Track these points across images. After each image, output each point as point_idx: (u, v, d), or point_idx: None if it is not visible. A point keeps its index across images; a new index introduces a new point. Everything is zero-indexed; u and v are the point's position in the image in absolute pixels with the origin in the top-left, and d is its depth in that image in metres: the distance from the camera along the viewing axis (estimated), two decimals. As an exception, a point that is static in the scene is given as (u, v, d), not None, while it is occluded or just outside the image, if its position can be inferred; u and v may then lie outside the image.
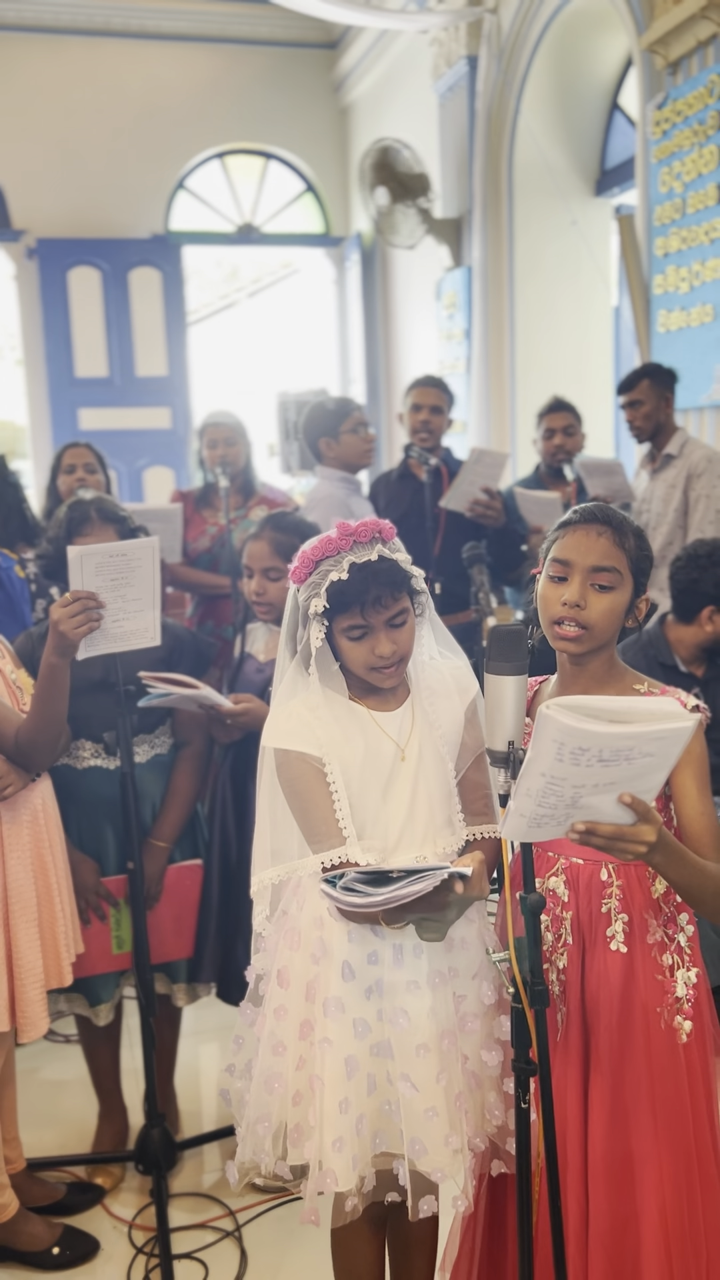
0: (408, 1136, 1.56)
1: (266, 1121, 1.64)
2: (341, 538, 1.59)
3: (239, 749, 2.47)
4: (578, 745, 1.22)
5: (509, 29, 5.48)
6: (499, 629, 1.45)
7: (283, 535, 2.36)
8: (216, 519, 3.61)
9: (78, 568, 2.06)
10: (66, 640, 2.05)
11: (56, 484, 3.52)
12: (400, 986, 1.59)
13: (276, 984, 1.66)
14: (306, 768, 1.61)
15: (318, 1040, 1.60)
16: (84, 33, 7.25)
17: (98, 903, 2.39)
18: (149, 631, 2.17)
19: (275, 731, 1.64)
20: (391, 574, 1.59)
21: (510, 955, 1.44)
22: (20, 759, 2.11)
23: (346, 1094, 1.57)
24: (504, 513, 3.50)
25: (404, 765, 1.64)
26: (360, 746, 1.62)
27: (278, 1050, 1.64)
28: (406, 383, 3.95)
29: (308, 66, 7.80)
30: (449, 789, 1.67)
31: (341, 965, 1.59)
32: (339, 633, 1.61)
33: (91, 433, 7.09)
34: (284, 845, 1.69)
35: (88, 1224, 2.35)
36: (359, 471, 3.58)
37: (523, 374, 5.85)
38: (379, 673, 1.62)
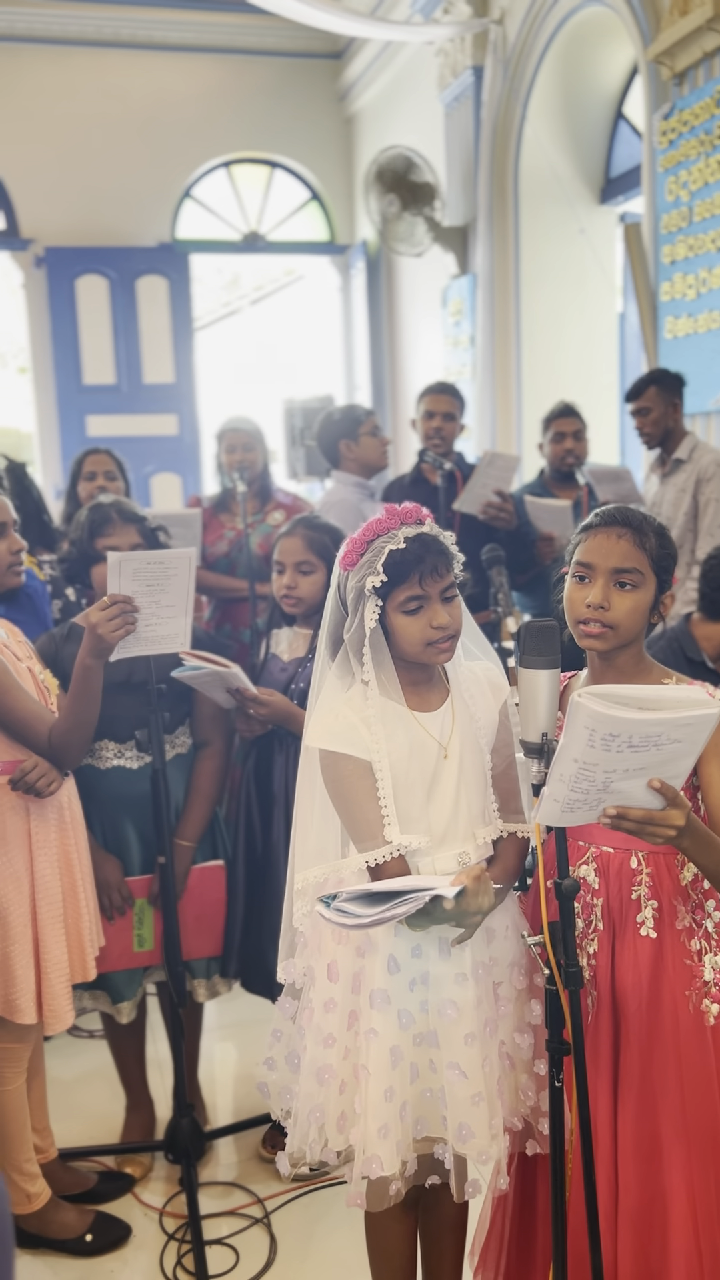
0: (455, 1122, 1.61)
1: (318, 1112, 1.68)
2: (390, 518, 1.64)
3: (261, 748, 2.52)
4: (609, 731, 1.28)
5: (515, 40, 5.56)
6: (532, 624, 1.51)
7: (315, 533, 2.43)
8: (234, 523, 3.67)
9: (116, 572, 2.12)
10: (103, 643, 2.11)
11: (76, 489, 3.58)
12: (448, 979, 1.64)
13: (326, 978, 1.70)
14: (352, 768, 1.63)
15: (363, 1031, 1.65)
16: (92, 44, 7.33)
17: (120, 902, 2.44)
18: (180, 637, 2.23)
19: (321, 732, 1.67)
20: (441, 546, 1.65)
21: (545, 939, 1.50)
22: (53, 757, 2.16)
23: (391, 1083, 1.62)
24: (516, 516, 3.56)
25: (447, 763, 1.69)
26: (404, 746, 1.66)
27: (328, 1042, 1.68)
28: (412, 389, 4.02)
29: (313, 77, 7.88)
30: (487, 783, 1.73)
31: (387, 958, 1.64)
32: (394, 610, 1.63)
33: (99, 440, 7.13)
34: (327, 844, 1.73)
35: (118, 1212, 2.40)
36: (375, 475, 3.64)
37: (528, 381, 5.92)
38: (435, 647, 1.64)
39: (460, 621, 1.69)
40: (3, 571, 2.20)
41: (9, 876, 2.14)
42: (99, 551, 2.40)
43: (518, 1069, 1.70)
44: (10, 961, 2.13)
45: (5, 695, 2.10)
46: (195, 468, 7.86)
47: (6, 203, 7.44)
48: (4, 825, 2.14)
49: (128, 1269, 2.26)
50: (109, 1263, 2.28)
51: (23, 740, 2.14)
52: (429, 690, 1.72)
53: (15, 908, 2.14)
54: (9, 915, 2.13)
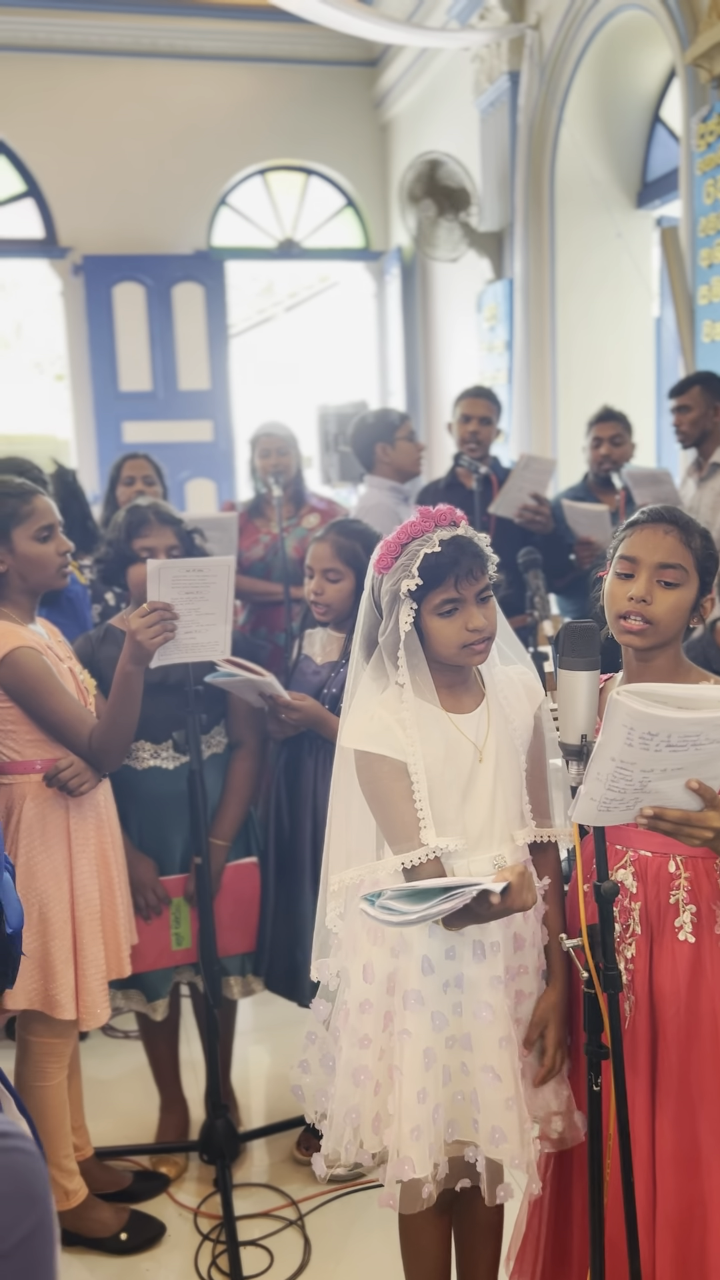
0: (489, 1125, 1.61)
1: (354, 1114, 1.68)
2: (424, 520, 1.64)
3: (292, 748, 2.53)
4: (647, 730, 1.27)
5: (551, 44, 5.55)
6: (572, 625, 1.50)
7: (345, 539, 2.43)
8: (269, 528, 3.68)
9: (155, 580, 2.15)
10: (143, 649, 2.14)
11: (115, 494, 3.62)
12: (483, 982, 1.64)
13: (361, 979, 1.70)
14: (387, 769, 1.63)
15: (397, 1031, 1.65)
16: (130, 54, 7.41)
17: (155, 901, 2.45)
18: (220, 645, 2.25)
19: (356, 733, 1.67)
20: (476, 549, 1.64)
21: (583, 941, 1.49)
22: (92, 760, 2.18)
23: (424, 1084, 1.62)
24: (552, 519, 3.55)
25: (482, 767, 1.68)
26: (440, 749, 1.65)
27: (364, 1043, 1.68)
28: (446, 395, 4.02)
29: (349, 84, 7.91)
30: (522, 786, 1.72)
31: (421, 959, 1.64)
32: (429, 613, 1.63)
33: (135, 446, 7.20)
34: (360, 845, 1.73)
35: (153, 1211, 2.41)
36: (409, 480, 3.64)
37: (564, 385, 5.90)
38: (470, 649, 1.64)
39: (495, 623, 1.68)
40: (51, 572, 2.22)
41: (50, 873, 2.16)
42: (136, 553, 2.43)
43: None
44: (51, 957, 2.16)
45: (49, 697, 2.13)
46: (230, 473, 7.91)
47: (45, 211, 7.53)
48: (46, 823, 2.17)
49: (163, 1268, 2.27)
50: (144, 1262, 2.29)
51: (64, 741, 2.17)
52: (464, 693, 1.72)
53: (55, 904, 2.16)
54: (50, 911, 2.15)
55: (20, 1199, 0.59)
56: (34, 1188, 0.61)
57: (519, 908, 1.46)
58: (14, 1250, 0.57)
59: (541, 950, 1.73)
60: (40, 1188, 0.61)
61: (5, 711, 2.14)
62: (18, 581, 2.19)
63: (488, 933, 1.64)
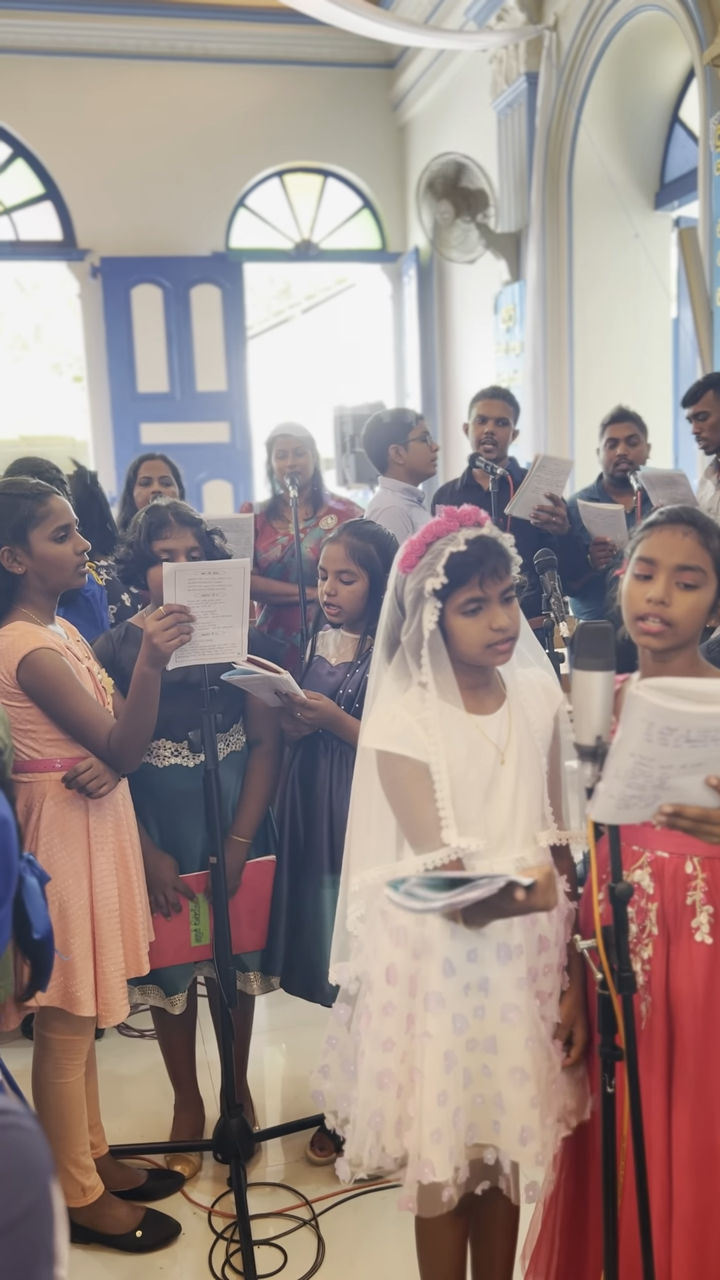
0: (516, 1126, 1.61)
1: (379, 1118, 1.68)
2: (449, 520, 1.65)
3: (307, 749, 2.53)
4: (666, 725, 1.27)
5: (569, 45, 5.54)
6: (588, 625, 1.50)
7: (359, 540, 2.43)
8: (286, 529, 3.69)
9: (171, 583, 2.15)
10: (159, 652, 2.14)
11: (132, 495, 3.63)
12: (509, 984, 1.64)
13: (384, 981, 1.69)
14: (409, 770, 1.63)
15: (418, 1034, 1.65)
16: (149, 57, 7.44)
17: (175, 898, 2.46)
18: (236, 647, 2.25)
19: (378, 733, 1.67)
20: (500, 549, 1.65)
21: (598, 943, 1.49)
22: (111, 760, 2.19)
23: (445, 1087, 1.61)
24: (568, 520, 3.54)
25: (505, 768, 1.68)
26: (462, 750, 1.65)
27: (387, 1046, 1.68)
28: (463, 397, 4.01)
29: (366, 86, 7.92)
30: (543, 788, 1.72)
31: (443, 962, 1.64)
32: (453, 612, 1.63)
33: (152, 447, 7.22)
34: (381, 846, 1.73)
35: (168, 1209, 2.42)
36: (422, 481, 3.64)
37: (581, 386, 5.89)
38: (494, 649, 1.64)
39: (519, 623, 1.68)
40: (70, 572, 2.23)
41: (69, 871, 2.17)
42: (155, 554, 2.43)
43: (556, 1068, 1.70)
44: (70, 954, 2.17)
45: (68, 698, 2.14)
46: (247, 475, 7.93)
47: (64, 214, 7.57)
48: (65, 822, 2.18)
49: (177, 1266, 2.28)
50: (159, 1259, 2.30)
51: (82, 741, 2.18)
52: (486, 694, 1.72)
53: (75, 902, 2.17)
54: (69, 909, 2.17)
55: (18, 1175, 0.59)
56: (32, 1164, 0.61)
57: (541, 906, 1.45)
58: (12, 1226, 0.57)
59: (564, 949, 1.73)
60: (39, 1164, 0.61)
61: (25, 711, 2.16)
62: (36, 583, 2.20)
63: (512, 935, 1.64)
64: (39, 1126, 0.63)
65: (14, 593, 2.20)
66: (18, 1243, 0.57)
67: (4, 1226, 0.58)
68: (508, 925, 1.63)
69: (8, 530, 2.16)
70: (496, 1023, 1.64)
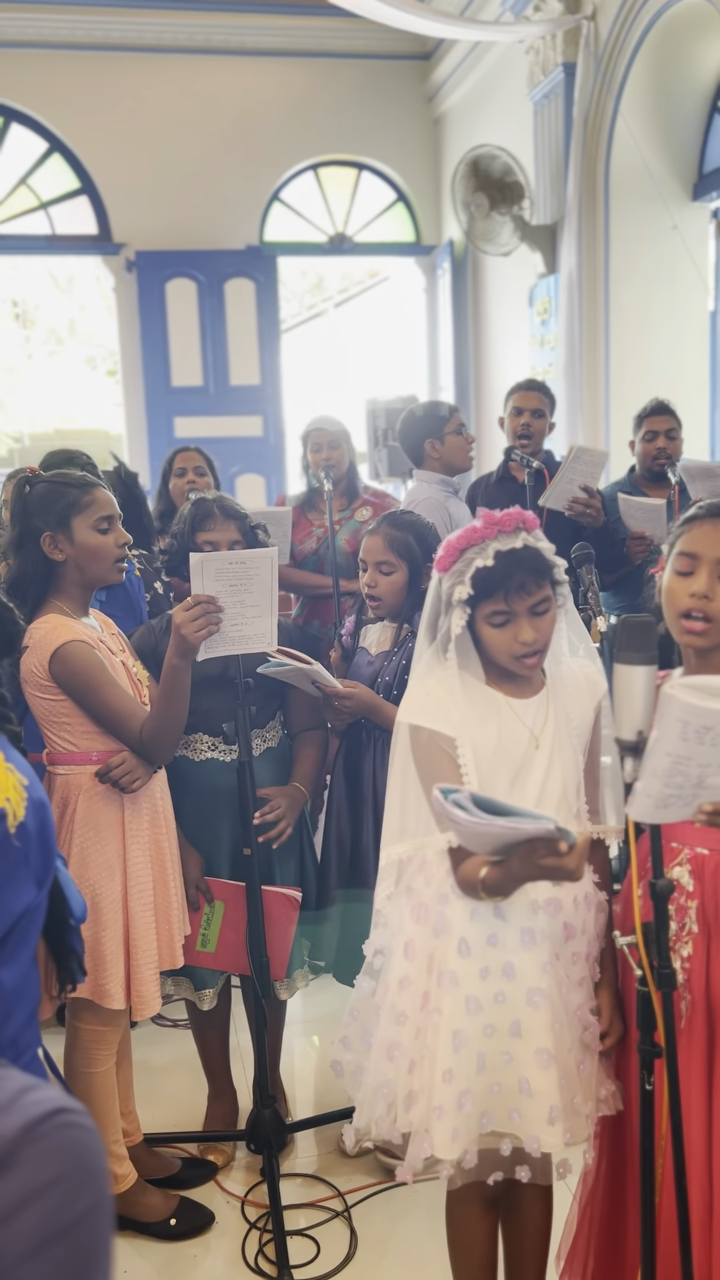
0: (545, 1106, 1.60)
1: (386, 1088, 1.70)
2: (487, 527, 1.64)
3: (350, 740, 2.53)
4: (702, 724, 1.25)
5: (607, 35, 5.49)
6: (629, 619, 1.48)
7: (398, 531, 2.43)
8: (321, 521, 3.69)
9: (198, 573, 2.14)
10: (187, 643, 2.14)
11: (168, 487, 3.65)
12: (533, 969, 1.63)
13: (403, 956, 1.72)
14: (439, 744, 1.66)
15: (430, 1010, 1.66)
16: (185, 51, 7.45)
17: (195, 896, 2.46)
18: (266, 637, 2.24)
19: (411, 708, 1.70)
20: (535, 561, 1.64)
21: (638, 939, 1.48)
22: (143, 753, 2.20)
23: (451, 1065, 1.62)
24: (603, 512, 3.51)
25: (538, 753, 1.69)
26: (493, 730, 1.67)
27: (399, 1020, 1.70)
28: (496, 390, 3.99)
29: (401, 78, 7.89)
30: (579, 781, 1.71)
31: (459, 941, 1.65)
32: (481, 620, 1.65)
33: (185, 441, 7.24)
34: (414, 821, 1.75)
35: (201, 1198, 2.43)
36: (458, 474, 3.63)
37: (616, 379, 5.84)
38: (520, 661, 1.66)
39: (550, 634, 1.68)
40: (108, 565, 2.22)
41: (102, 865, 2.18)
42: (199, 546, 2.44)
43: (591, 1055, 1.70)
44: (101, 947, 2.18)
45: (100, 691, 2.14)
46: (279, 468, 7.94)
47: (100, 208, 7.60)
48: (99, 815, 2.19)
49: (211, 1254, 2.29)
50: (192, 1248, 2.31)
51: (115, 735, 2.18)
52: (525, 681, 1.73)
53: (107, 895, 2.18)
54: (100, 902, 2.18)
55: (77, 1176, 0.60)
56: (90, 1164, 0.61)
57: (572, 868, 1.42)
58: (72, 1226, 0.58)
59: (594, 939, 1.72)
60: (98, 1165, 0.61)
61: (59, 705, 2.17)
62: (74, 573, 2.20)
63: (536, 919, 1.64)
64: (95, 1125, 0.63)
65: (51, 581, 2.21)
66: (77, 1244, 0.58)
67: (64, 1227, 0.58)
68: (531, 909, 1.63)
69: (51, 516, 2.17)
70: (521, 1007, 1.63)
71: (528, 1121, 1.63)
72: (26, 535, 2.18)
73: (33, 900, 1.55)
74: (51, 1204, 0.58)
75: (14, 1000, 1.52)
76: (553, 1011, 1.62)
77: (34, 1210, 0.57)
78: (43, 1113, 0.61)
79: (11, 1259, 0.56)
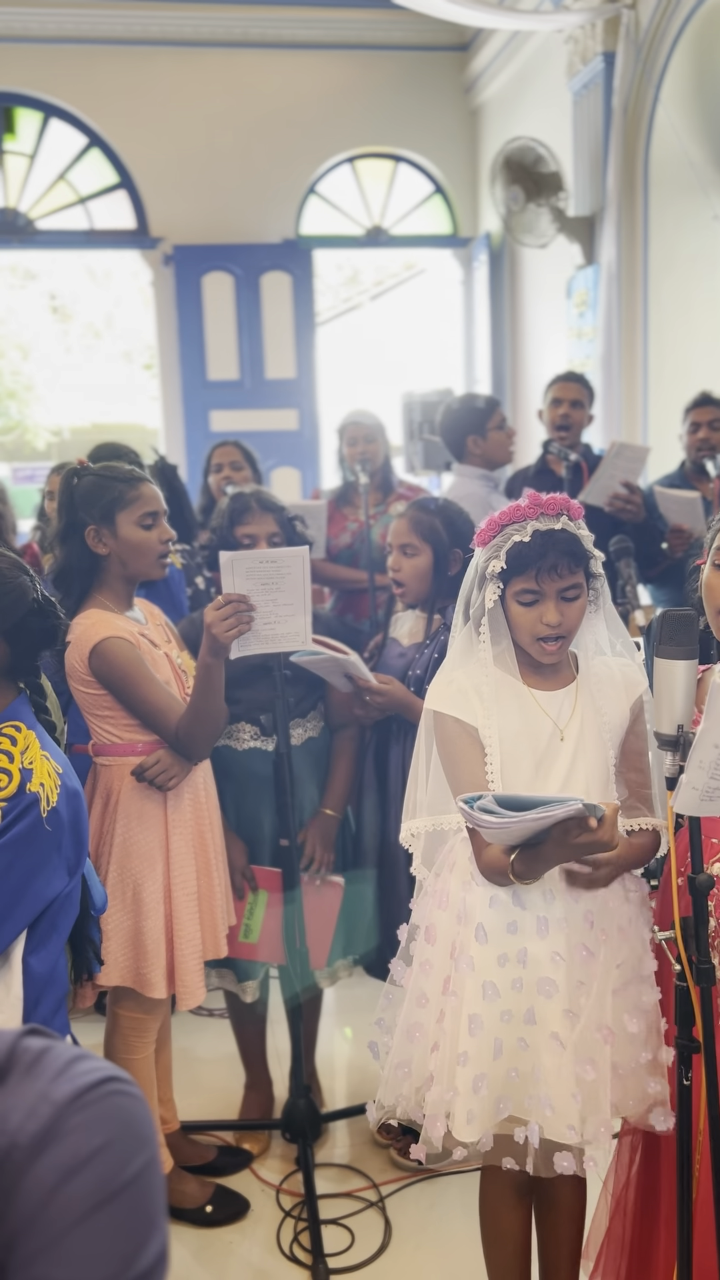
0: (550, 1092, 1.61)
1: (406, 1068, 1.73)
2: (530, 506, 1.66)
3: (379, 735, 2.53)
4: None
5: (648, 23, 5.44)
6: (670, 613, 1.48)
7: (424, 514, 2.43)
8: (356, 515, 3.70)
9: (228, 572, 2.15)
10: (218, 642, 2.14)
11: (208, 481, 3.67)
12: (545, 958, 1.64)
13: (425, 940, 1.75)
14: (459, 731, 1.70)
15: (449, 994, 1.68)
16: (223, 44, 7.47)
17: (241, 884, 2.48)
18: (300, 635, 2.23)
19: (435, 696, 1.75)
20: (571, 546, 1.65)
21: (676, 934, 1.47)
22: (180, 749, 2.21)
23: (467, 1048, 1.63)
24: (644, 508, 3.49)
25: (563, 746, 1.69)
26: (515, 720, 1.69)
27: (421, 1002, 1.73)
28: (533, 383, 3.97)
29: (439, 69, 7.86)
30: (608, 776, 1.71)
31: (476, 928, 1.67)
32: (511, 597, 1.68)
33: (221, 434, 7.27)
34: (434, 800, 1.80)
35: (236, 1186, 2.45)
36: (499, 468, 3.62)
37: (655, 372, 5.79)
38: (542, 644, 1.68)
39: (576, 622, 1.70)
40: (151, 560, 2.24)
41: (143, 855, 2.20)
42: (238, 540, 2.45)
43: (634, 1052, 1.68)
44: (143, 936, 2.20)
45: (138, 686, 2.15)
46: (314, 462, 7.94)
47: (137, 202, 7.64)
48: (140, 805, 2.21)
49: (246, 1241, 2.31)
50: (228, 1234, 2.33)
51: (152, 729, 2.20)
52: (552, 672, 1.75)
53: (148, 885, 2.20)
54: (143, 891, 2.19)
55: (129, 1138, 0.61)
56: (141, 1130, 0.63)
57: (605, 839, 1.45)
58: (126, 1186, 0.60)
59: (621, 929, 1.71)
60: (147, 1130, 0.64)
61: (101, 698, 2.19)
62: (117, 567, 2.22)
63: (552, 909, 1.65)
64: (143, 1094, 0.65)
65: (95, 574, 2.23)
66: (129, 1207, 0.59)
67: (120, 1187, 0.59)
68: (546, 898, 1.64)
69: (96, 510, 2.19)
70: (533, 994, 1.65)
71: (537, 1105, 1.63)
72: (72, 527, 2.21)
73: (64, 888, 1.57)
74: (103, 1169, 0.59)
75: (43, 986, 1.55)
76: (564, 1000, 1.63)
77: (85, 1175, 0.59)
78: (92, 1081, 0.63)
79: (64, 1224, 0.58)
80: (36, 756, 1.51)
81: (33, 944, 1.51)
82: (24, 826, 1.45)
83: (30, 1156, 0.59)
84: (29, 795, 1.46)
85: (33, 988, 1.51)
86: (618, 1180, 1.85)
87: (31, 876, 1.47)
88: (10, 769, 1.48)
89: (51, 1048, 0.65)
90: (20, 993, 1.49)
